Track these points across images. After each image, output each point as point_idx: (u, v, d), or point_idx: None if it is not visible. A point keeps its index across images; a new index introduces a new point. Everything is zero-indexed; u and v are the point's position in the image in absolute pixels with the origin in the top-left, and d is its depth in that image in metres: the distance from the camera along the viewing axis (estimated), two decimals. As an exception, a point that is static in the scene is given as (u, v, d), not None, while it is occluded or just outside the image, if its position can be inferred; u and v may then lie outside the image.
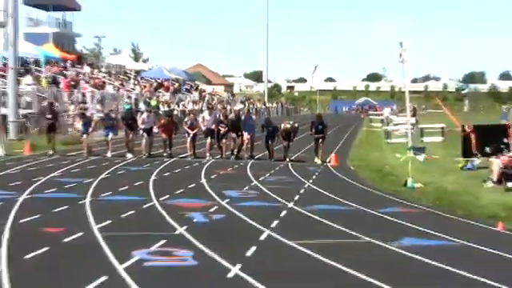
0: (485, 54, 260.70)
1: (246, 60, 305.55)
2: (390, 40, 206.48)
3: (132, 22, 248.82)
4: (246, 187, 19.02)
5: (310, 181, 20.91)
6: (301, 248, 11.04)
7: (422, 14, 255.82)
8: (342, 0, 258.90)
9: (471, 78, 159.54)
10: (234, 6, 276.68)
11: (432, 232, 12.82)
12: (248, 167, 24.28)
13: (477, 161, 23.31)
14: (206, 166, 23.98)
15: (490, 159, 20.81)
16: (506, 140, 22.28)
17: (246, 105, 67.21)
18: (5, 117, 31.32)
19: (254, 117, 36.32)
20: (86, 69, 55.32)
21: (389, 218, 14.55)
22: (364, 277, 9.20)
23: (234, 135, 27.48)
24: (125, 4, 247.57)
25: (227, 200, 16.28)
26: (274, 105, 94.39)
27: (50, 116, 28.76)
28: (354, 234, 12.40)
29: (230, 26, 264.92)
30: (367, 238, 12.00)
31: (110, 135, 27.84)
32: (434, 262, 10.22)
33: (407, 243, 11.64)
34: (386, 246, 11.44)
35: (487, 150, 22.73)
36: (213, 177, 21.23)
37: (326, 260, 10.20)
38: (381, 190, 19.47)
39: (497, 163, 19.53)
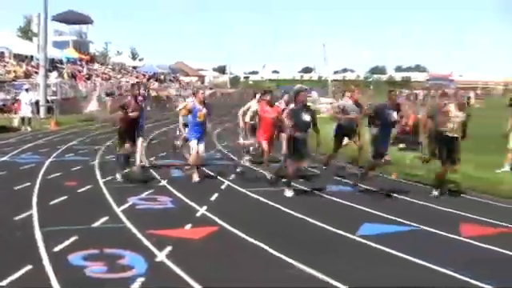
0: (386, 51, 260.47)
1: (214, 56, 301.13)
2: (317, 38, 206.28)
3: (130, 31, 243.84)
4: (213, 150, 18.82)
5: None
6: (250, 194, 11.09)
7: (343, 15, 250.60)
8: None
9: (376, 69, 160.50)
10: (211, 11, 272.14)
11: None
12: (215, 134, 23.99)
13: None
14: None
15: None
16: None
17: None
18: (37, 102, 31.26)
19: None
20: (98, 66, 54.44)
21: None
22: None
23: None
24: (126, 18, 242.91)
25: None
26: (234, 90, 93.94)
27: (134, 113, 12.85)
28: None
29: (205, 29, 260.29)
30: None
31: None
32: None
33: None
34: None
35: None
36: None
37: (271, 203, 10.28)
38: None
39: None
